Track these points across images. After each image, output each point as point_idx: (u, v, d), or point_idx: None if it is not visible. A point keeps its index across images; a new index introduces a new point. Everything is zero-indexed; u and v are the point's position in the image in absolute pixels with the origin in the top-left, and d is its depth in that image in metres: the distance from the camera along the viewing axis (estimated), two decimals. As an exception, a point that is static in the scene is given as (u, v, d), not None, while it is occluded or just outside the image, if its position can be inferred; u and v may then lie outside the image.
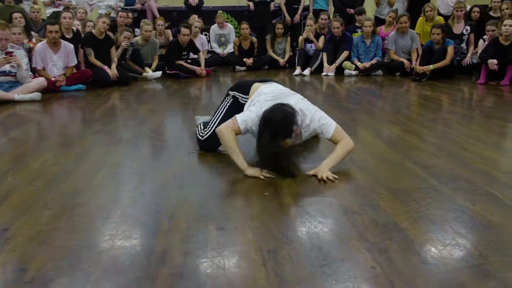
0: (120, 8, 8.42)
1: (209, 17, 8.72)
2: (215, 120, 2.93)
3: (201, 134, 2.99)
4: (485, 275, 1.49)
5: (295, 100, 2.66)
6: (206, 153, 2.96)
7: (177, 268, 1.55)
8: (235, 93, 2.98)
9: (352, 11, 7.96)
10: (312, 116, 2.62)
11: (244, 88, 2.96)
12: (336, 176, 2.43)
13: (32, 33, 6.55)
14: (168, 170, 2.63)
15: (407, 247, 1.68)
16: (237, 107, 2.87)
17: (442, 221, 1.89)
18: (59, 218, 1.96)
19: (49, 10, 8.33)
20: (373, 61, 7.01)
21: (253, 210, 2.05)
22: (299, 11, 8.57)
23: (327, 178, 2.40)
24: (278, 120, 2.39)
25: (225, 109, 2.95)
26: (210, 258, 1.61)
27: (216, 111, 3.00)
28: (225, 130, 2.55)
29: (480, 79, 6.05)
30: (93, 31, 6.41)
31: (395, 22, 7.31)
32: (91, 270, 1.53)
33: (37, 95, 5.13)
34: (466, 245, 1.69)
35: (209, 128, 2.93)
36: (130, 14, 8.00)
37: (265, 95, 2.71)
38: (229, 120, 2.59)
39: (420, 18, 7.35)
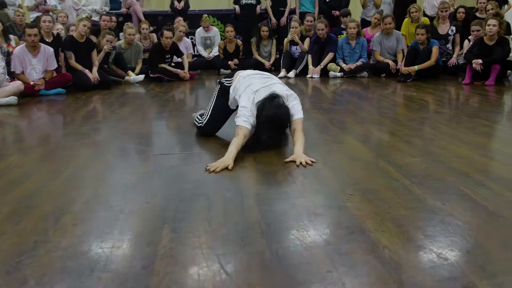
0: (105, 12, 8.32)
1: (195, 20, 8.64)
2: (209, 107, 3.31)
3: (199, 122, 3.35)
4: (449, 278, 1.39)
5: (280, 88, 3.00)
6: (173, 154, 2.87)
7: (125, 270, 1.44)
8: (222, 79, 3.31)
9: (337, 13, 7.89)
10: (291, 98, 2.99)
11: (229, 76, 3.28)
12: (314, 160, 2.59)
13: (11, 36, 6.43)
14: (133, 172, 2.52)
15: (368, 249, 1.58)
16: (224, 92, 3.21)
17: (409, 222, 1.79)
18: (8, 221, 1.85)
19: (33, 15, 8.21)
20: (358, 63, 6.94)
21: (213, 212, 1.94)
22: (286, 14, 8.52)
23: (306, 162, 2.56)
24: (281, 119, 2.81)
25: (215, 96, 3.31)
26: (160, 261, 1.50)
27: (210, 101, 3.37)
28: (237, 134, 2.76)
29: (465, 79, 5.98)
30: (74, 34, 6.30)
31: (380, 24, 7.24)
32: (31, 275, 1.42)
33: (13, 99, 5.01)
34: (432, 246, 1.59)
35: (206, 115, 3.31)
36: (113, 18, 7.89)
37: (249, 78, 3.05)
38: (236, 130, 2.79)
39: (406, 19, 7.29)
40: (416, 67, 6.28)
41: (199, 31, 8.29)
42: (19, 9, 7.68)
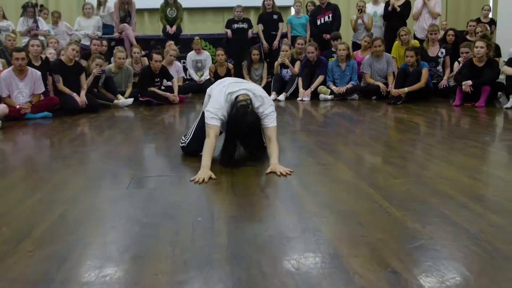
0: (97, 37, 8.32)
1: (187, 45, 8.63)
2: (193, 126, 3.30)
3: (183, 142, 3.31)
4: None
5: (256, 88, 3.12)
6: (151, 177, 2.78)
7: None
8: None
9: (328, 36, 7.90)
10: (265, 104, 3.01)
11: None
12: (291, 170, 2.75)
13: (-1, 60, 6.41)
14: (106, 195, 2.43)
15: (339, 276, 1.48)
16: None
17: (384, 246, 1.69)
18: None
19: (25, 40, 8.19)
20: (349, 85, 6.90)
21: (180, 236, 1.84)
22: (277, 38, 8.53)
23: (286, 173, 2.71)
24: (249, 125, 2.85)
25: (200, 116, 3.26)
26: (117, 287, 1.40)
27: (194, 121, 3.37)
28: (208, 135, 2.90)
29: (455, 101, 5.93)
30: (62, 58, 6.26)
31: (370, 46, 7.22)
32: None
33: (-3, 123, 4.94)
34: (406, 272, 1.49)
35: (189, 134, 3.28)
36: (104, 42, 7.88)
37: (224, 82, 3.15)
38: (206, 130, 2.92)
39: (396, 42, 7.29)
40: (406, 89, 6.24)
41: (191, 55, 8.28)
42: (10, 34, 7.67)
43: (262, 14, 8.61)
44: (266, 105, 3.02)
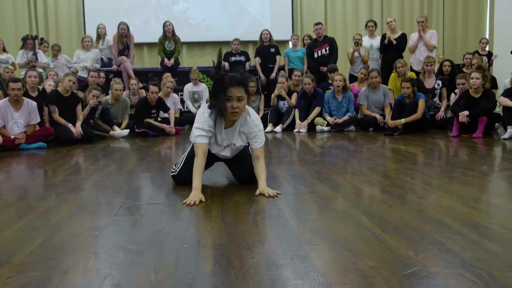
0: (96, 69, 8.39)
1: (184, 78, 8.70)
2: (184, 155, 3.24)
3: (173, 171, 3.25)
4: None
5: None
6: (136, 206, 2.73)
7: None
8: None
9: (325, 69, 7.96)
10: (254, 120, 2.97)
11: None
12: (279, 192, 2.86)
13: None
14: (91, 223, 2.36)
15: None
16: None
17: (375, 274, 1.63)
18: None
19: (23, 72, 8.26)
20: (345, 117, 6.90)
21: (163, 262, 1.78)
22: (275, 70, 8.60)
23: (273, 195, 2.78)
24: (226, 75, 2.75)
25: (192, 145, 3.15)
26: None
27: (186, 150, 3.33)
28: (197, 155, 2.89)
29: (452, 132, 5.92)
30: (59, 88, 6.29)
31: (367, 78, 7.27)
32: None
33: (-10, 153, 4.91)
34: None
35: (180, 163, 3.20)
36: (102, 74, 7.94)
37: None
38: (195, 150, 2.92)
39: (392, 74, 7.34)
40: (402, 120, 6.24)
41: (188, 86, 8.33)
42: (9, 66, 7.73)
43: (259, 47, 8.72)
44: (255, 121, 2.98)
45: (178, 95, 8.48)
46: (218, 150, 3.10)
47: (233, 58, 8.66)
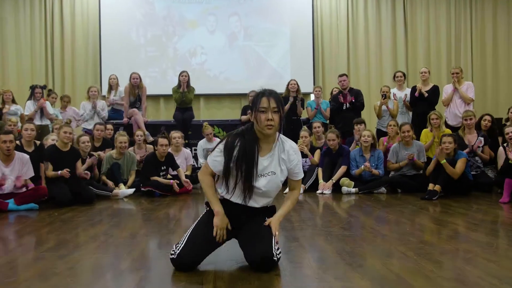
0: (102, 122, 7.90)
1: (199, 131, 8.13)
2: (187, 232, 2.71)
3: (172, 253, 2.63)
4: None
5: None
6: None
7: None
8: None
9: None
10: (294, 147, 2.73)
11: None
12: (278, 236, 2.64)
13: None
14: None
15: None
16: (211, 213, 2.71)
17: None
18: None
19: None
20: (375, 170, 6.15)
21: None
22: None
23: (275, 234, 2.60)
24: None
25: (199, 218, 2.80)
26: None
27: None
28: (202, 176, 2.73)
29: (503, 197, 5.10)
30: (56, 143, 5.73)
31: (398, 133, 6.58)
32: None
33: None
34: None
35: (181, 242, 2.64)
36: (109, 126, 7.43)
37: None
38: (203, 165, 2.74)
39: (425, 130, 6.63)
40: (443, 160, 5.41)
41: (201, 143, 7.70)
42: (11, 119, 7.27)
43: (284, 97, 8.14)
44: (295, 148, 2.74)
45: (191, 150, 7.90)
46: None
47: (251, 111, 8.08)
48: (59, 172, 5.50)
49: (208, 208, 2.78)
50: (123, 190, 6.04)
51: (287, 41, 10.75)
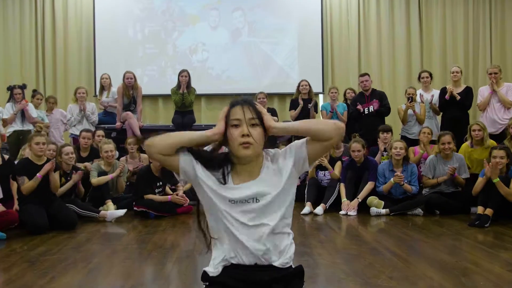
0: (93, 127, 6.81)
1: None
2: None
3: None
4: None
5: None
6: None
7: None
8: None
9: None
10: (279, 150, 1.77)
11: None
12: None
13: None
14: None
15: None
16: None
17: None
18: None
19: (10, 129, 6.65)
20: (408, 187, 5.06)
21: None
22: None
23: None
24: None
25: None
26: None
27: None
28: None
29: None
30: (29, 156, 4.62)
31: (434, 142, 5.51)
32: None
33: None
34: None
35: None
36: (99, 132, 6.34)
37: None
38: None
39: (464, 144, 5.52)
40: (496, 179, 4.34)
41: (205, 151, 6.57)
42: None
43: (294, 99, 7.03)
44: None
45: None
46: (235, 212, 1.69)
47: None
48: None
49: (207, 283, 1.73)
50: (112, 212, 4.91)
51: (295, 37, 9.65)
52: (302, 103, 6.73)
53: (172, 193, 5.38)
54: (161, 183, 5.24)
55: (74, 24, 9.40)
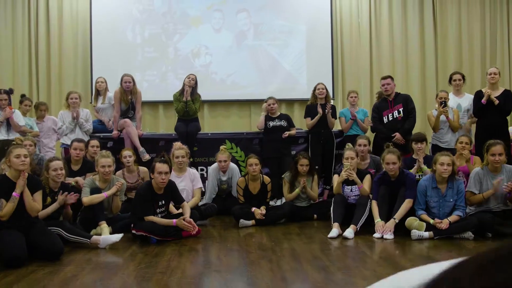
0: (87, 136, 5.94)
1: (207, 146, 6.19)
2: None
3: None
4: None
5: None
6: None
7: None
8: None
9: (399, 137, 5.36)
10: None
11: None
12: None
13: None
14: None
15: None
16: None
17: None
18: None
19: (-2, 138, 5.75)
20: (454, 217, 4.18)
21: None
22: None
23: None
24: None
25: None
26: None
27: None
28: None
29: None
30: (7, 173, 3.74)
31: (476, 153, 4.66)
32: None
33: None
34: None
35: None
36: (94, 142, 5.47)
37: None
38: None
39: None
40: None
41: (215, 169, 5.59)
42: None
43: (310, 105, 6.18)
44: None
45: (197, 169, 5.95)
46: None
47: (271, 123, 6.11)
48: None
49: None
50: (106, 237, 4.00)
51: (303, 40, 8.87)
52: (321, 112, 5.89)
53: (177, 211, 4.53)
54: (163, 202, 4.36)
55: (70, 26, 8.62)
